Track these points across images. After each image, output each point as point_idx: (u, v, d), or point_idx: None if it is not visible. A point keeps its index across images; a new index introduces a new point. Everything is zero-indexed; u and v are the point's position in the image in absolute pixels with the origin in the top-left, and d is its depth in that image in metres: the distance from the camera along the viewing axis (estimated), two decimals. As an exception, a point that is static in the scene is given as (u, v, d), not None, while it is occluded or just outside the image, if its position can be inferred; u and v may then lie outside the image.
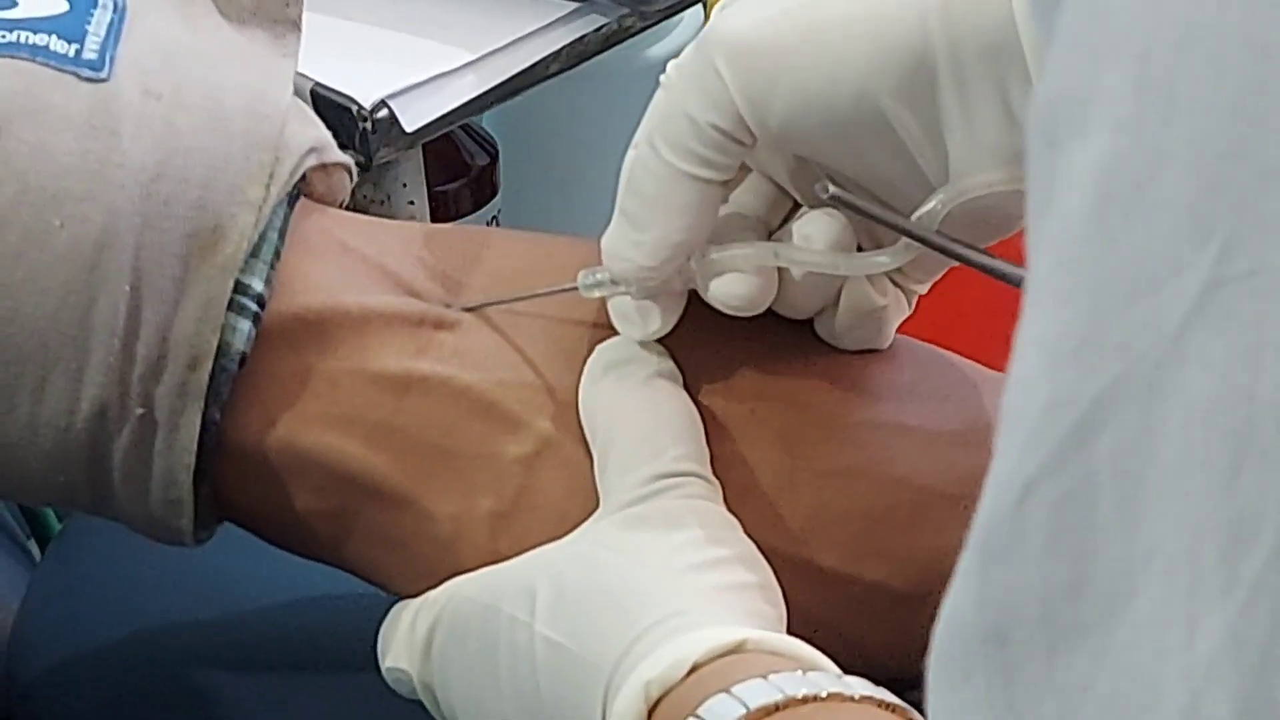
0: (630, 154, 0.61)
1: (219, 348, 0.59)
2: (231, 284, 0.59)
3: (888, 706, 0.52)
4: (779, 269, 0.62)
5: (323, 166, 0.63)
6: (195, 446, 0.59)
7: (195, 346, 0.59)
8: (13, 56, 0.60)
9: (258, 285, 0.60)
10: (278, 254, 0.61)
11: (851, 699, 0.51)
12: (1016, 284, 0.59)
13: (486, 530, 0.62)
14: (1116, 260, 0.32)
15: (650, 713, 0.53)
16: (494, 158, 0.98)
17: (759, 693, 0.51)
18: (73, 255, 0.58)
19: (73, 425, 0.59)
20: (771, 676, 0.52)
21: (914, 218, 0.60)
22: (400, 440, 0.61)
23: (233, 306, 0.59)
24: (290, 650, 0.74)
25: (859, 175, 0.60)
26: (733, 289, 0.61)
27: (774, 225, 0.64)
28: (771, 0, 0.58)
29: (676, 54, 1.07)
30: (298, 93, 0.66)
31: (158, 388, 0.59)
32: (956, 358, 0.67)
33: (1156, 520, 0.31)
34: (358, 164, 0.86)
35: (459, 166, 0.98)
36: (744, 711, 0.51)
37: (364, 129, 0.85)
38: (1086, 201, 0.32)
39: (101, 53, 0.60)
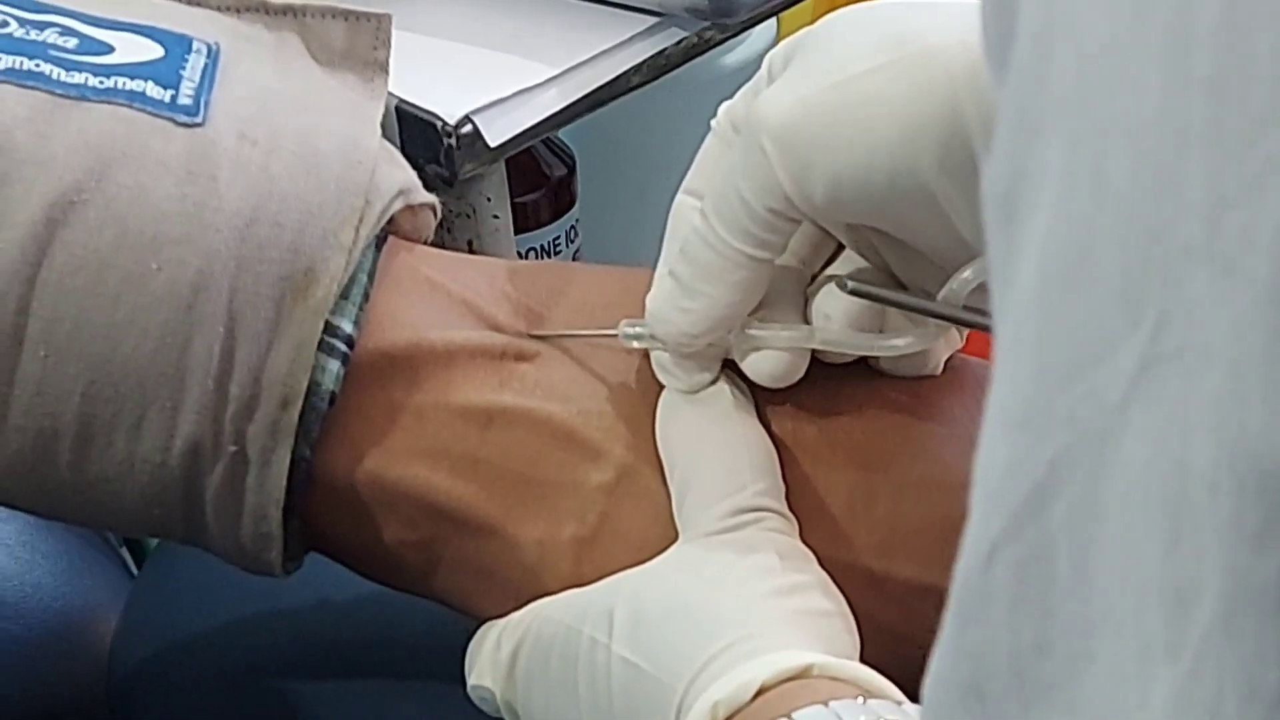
0: (686, 212, 0.63)
1: (309, 387, 0.61)
2: (322, 325, 0.61)
3: None
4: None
5: (409, 206, 0.65)
6: (285, 483, 0.61)
7: (287, 386, 0.60)
8: (110, 102, 0.61)
9: (347, 326, 0.62)
10: (366, 295, 0.62)
11: None
12: None
13: (570, 556, 0.63)
14: (1061, 334, 0.33)
15: None
16: (571, 169, 1.00)
17: (817, 719, 0.53)
18: (170, 297, 0.60)
19: (168, 461, 0.61)
20: (832, 704, 0.53)
21: (942, 293, 0.62)
22: (485, 471, 0.63)
23: (322, 347, 0.61)
24: (381, 661, 0.76)
25: (908, 239, 0.62)
26: (767, 367, 0.63)
27: (815, 268, 0.65)
28: (808, 79, 0.59)
29: (748, 64, 1.08)
30: (384, 110, 0.67)
31: (250, 426, 0.61)
32: None
33: (1107, 584, 0.32)
34: (442, 179, 0.88)
35: (538, 177, 0.99)
36: None
37: (449, 145, 0.86)
38: (1034, 276, 0.34)
39: (196, 98, 0.62)
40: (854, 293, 0.62)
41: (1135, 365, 0.32)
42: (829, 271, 0.66)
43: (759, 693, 0.54)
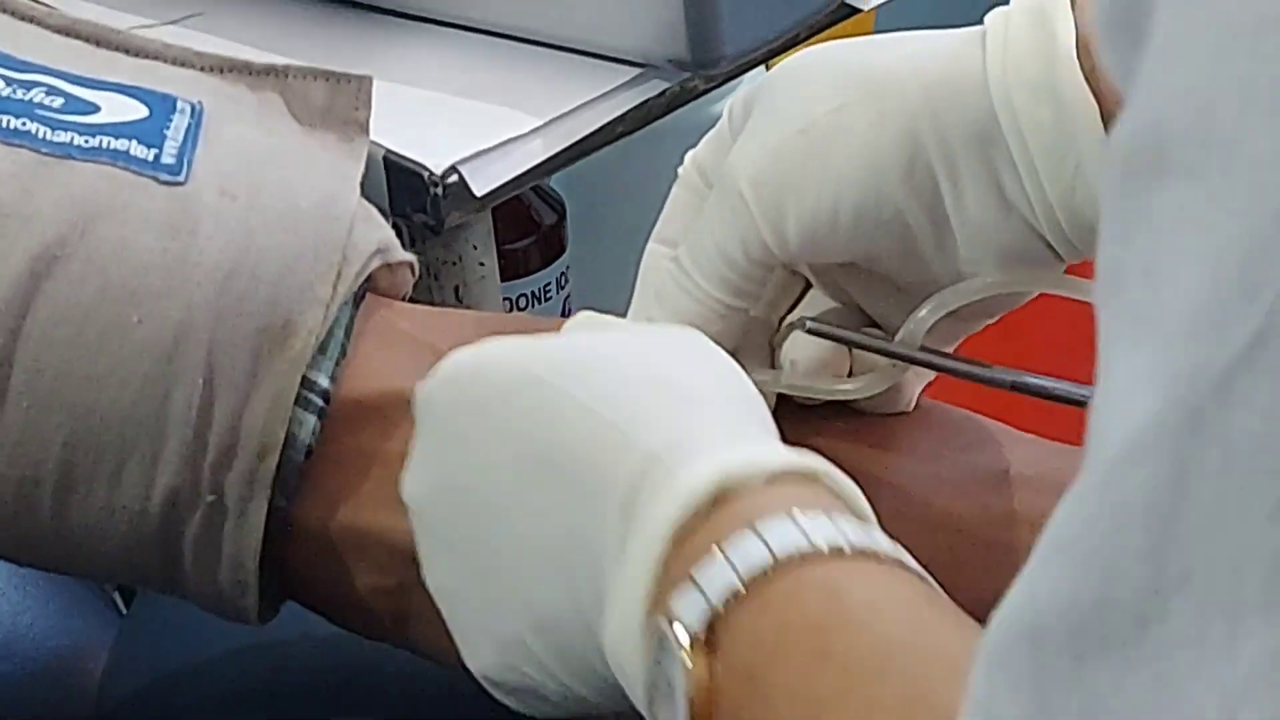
0: (657, 261, 0.65)
1: (286, 439, 0.62)
2: (299, 379, 0.62)
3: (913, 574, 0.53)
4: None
5: (388, 264, 0.66)
6: (262, 532, 0.63)
7: (265, 438, 0.62)
8: (95, 161, 0.63)
9: (324, 381, 0.63)
10: (343, 350, 0.64)
11: (876, 555, 0.51)
12: (1001, 386, 0.63)
13: None
14: (1174, 304, 0.35)
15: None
16: (562, 216, 1.01)
17: (753, 554, 0.51)
18: (151, 349, 0.62)
19: (147, 510, 0.63)
20: (798, 518, 0.51)
21: (899, 334, 0.64)
22: None
23: (299, 401, 0.63)
24: (367, 696, 0.77)
25: (879, 270, 0.64)
26: None
27: (781, 312, 0.67)
28: (774, 127, 0.61)
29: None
30: (370, 160, 0.69)
31: (228, 476, 0.62)
32: (983, 418, 0.70)
33: (1191, 549, 0.34)
34: (429, 228, 0.89)
35: (528, 225, 1.01)
36: (771, 561, 0.50)
37: (435, 194, 0.88)
38: (1155, 244, 0.35)
39: (180, 157, 0.64)
40: (813, 332, 0.64)
41: (1248, 339, 0.34)
42: (794, 315, 0.67)
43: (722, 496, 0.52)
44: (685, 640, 0.50)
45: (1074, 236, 0.62)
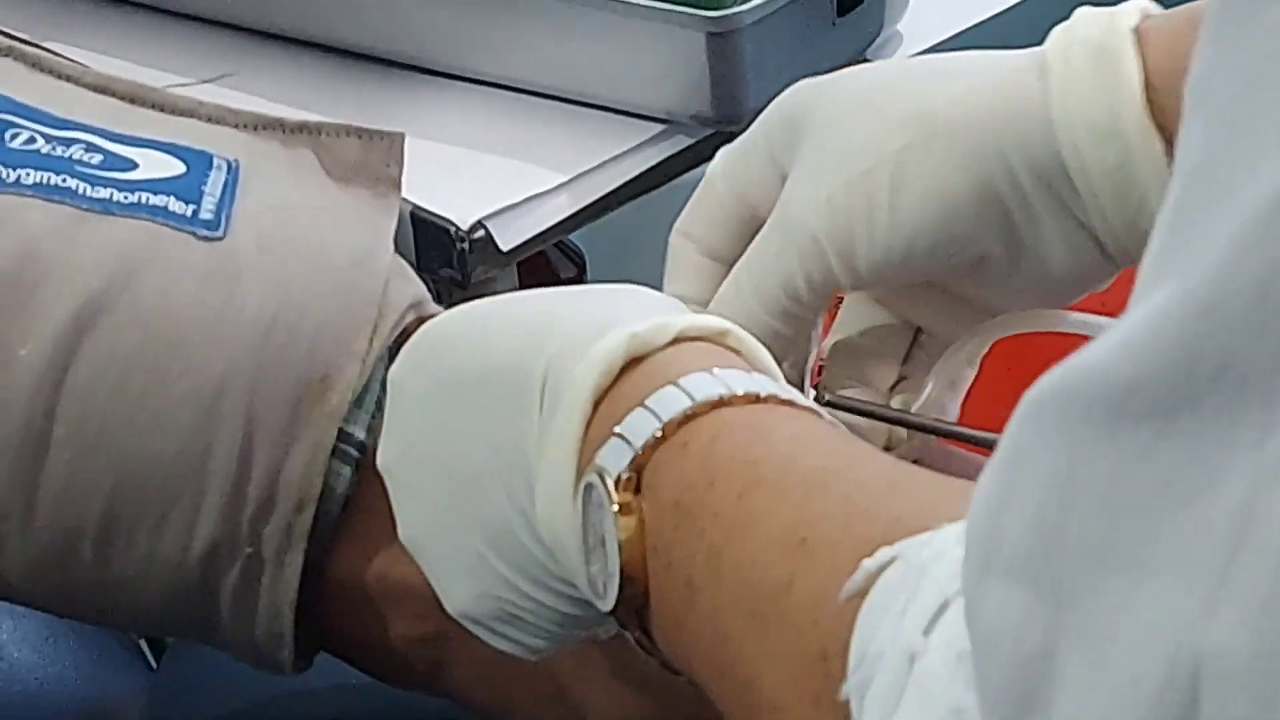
0: (683, 253, 0.66)
1: (323, 491, 0.63)
2: (336, 432, 0.63)
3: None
4: None
5: (420, 317, 0.67)
6: (298, 584, 0.63)
7: (302, 491, 0.63)
8: (134, 216, 0.64)
9: (360, 434, 0.64)
10: (378, 403, 0.65)
11: (792, 404, 0.52)
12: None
13: None
14: None
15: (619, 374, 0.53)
16: (582, 269, 1.02)
17: (674, 401, 0.52)
18: (193, 400, 0.63)
19: (186, 561, 0.63)
20: (717, 371, 0.53)
21: (916, 404, 0.65)
22: None
23: (336, 453, 0.64)
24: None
25: (950, 289, 0.65)
26: None
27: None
28: (835, 169, 0.62)
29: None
30: (398, 215, 0.70)
31: (266, 527, 0.63)
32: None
33: (1229, 344, 0.34)
34: (455, 282, 0.90)
35: (548, 278, 1.02)
36: (690, 404, 0.51)
37: (462, 249, 0.88)
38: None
39: (218, 213, 0.65)
40: (829, 404, 0.64)
41: None
42: (829, 340, 0.68)
43: (672, 341, 0.54)
44: (610, 485, 0.50)
45: (1138, 254, 0.63)
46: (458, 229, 0.88)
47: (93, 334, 0.62)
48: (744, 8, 0.91)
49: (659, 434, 0.51)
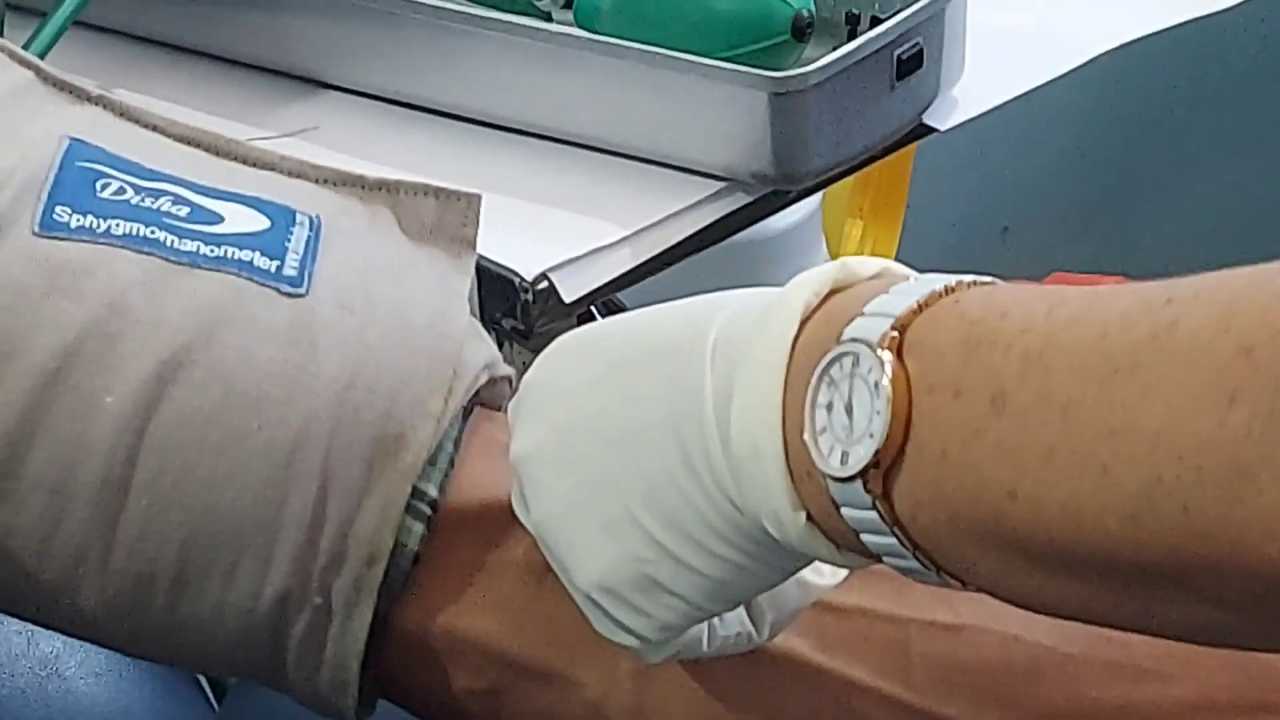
0: None
1: (394, 546, 0.65)
2: (409, 489, 0.65)
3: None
4: None
5: (492, 379, 0.69)
6: (365, 636, 0.65)
7: (374, 545, 0.64)
8: (220, 270, 0.66)
9: (433, 491, 0.66)
10: (452, 462, 0.66)
11: (986, 283, 0.53)
12: None
13: (631, 688, 0.66)
14: None
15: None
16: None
17: (924, 285, 0.53)
18: (270, 454, 0.64)
19: (257, 609, 0.65)
20: (921, 277, 0.54)
21: None
22: (545, 620, 0.66)
23: (409, 510, 0.65)
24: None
25: None
26: None
27: None
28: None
29: (795, 227, 1.13)
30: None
31: (336, 580, 0.64)
32: None
33: None
34: (519, 332, 0.92)
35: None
36: (915, 299, 0.52)
37: (525, 300, 0.90)
38: None
39: (301, 269, 0.66)
40: None
41: None
42: None
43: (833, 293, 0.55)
44: (875, 345, 0.51)
45: None
46: (522, 280, 0.90)
47: (175, 386, 0.64)
48: (806, 70, 0.92)
49: (921, 303, 0.52)
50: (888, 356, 0.51)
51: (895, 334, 0.52)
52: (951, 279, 0.53)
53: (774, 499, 0.54)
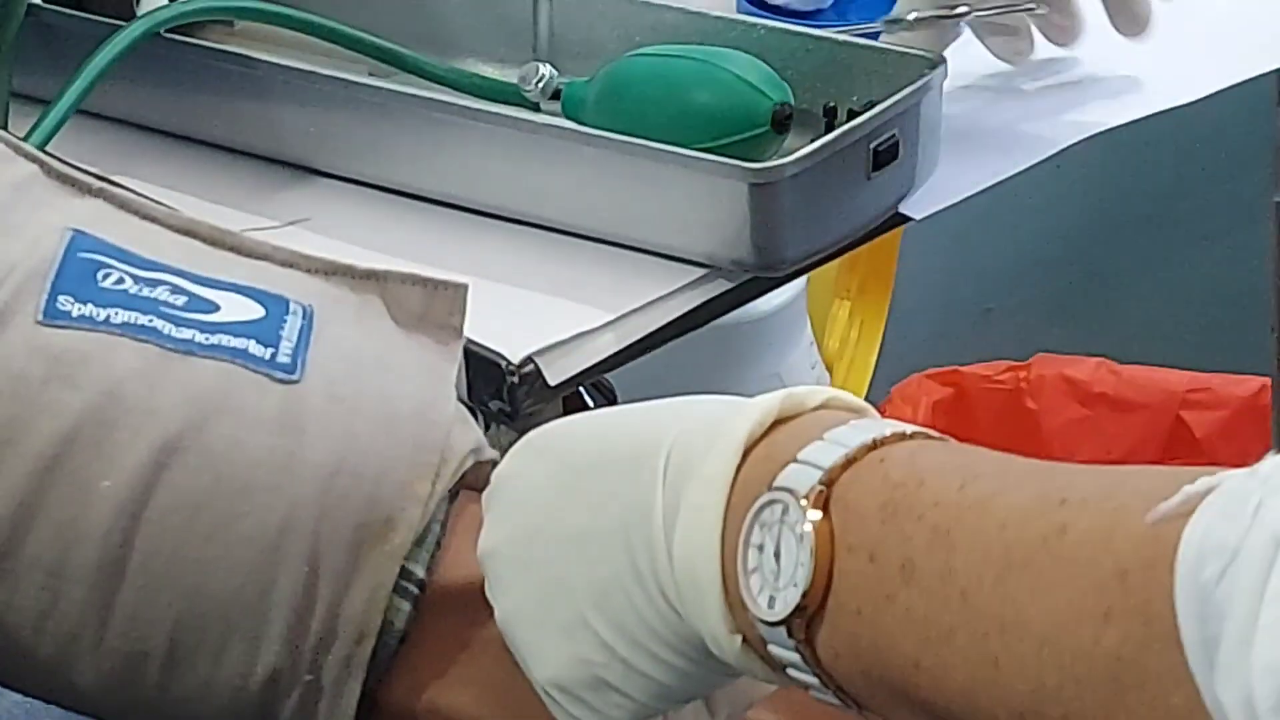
0: None
1: (382, 625, 0.67)
2: (397, 570, 0.67)
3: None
4: None
5: (479, 463, 0.71)
6: (354, 712, 0.67)
7: (362, 624, 0.67)
8: (215, 358, 0.68)
9: (420, 571, 0.68)
10: (438, 543, 0.69)
11: (930, 437, 0.56)
12: None
13: None
14: None
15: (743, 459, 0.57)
16: (612, 402, 1.06)
17: (857, 434, 0.56)
18: (258, 539, 0.67)
19: (247, 687, 0.67)
20: (852, 422, 0.57)
21: None
22: (523, 695, 0.68)
23: (396, 589, 0.67)
24: None
25: None
26: None
27: None
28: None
29: (777, 310, 1.15)
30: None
31: (326, 659, 0.67)
32: None
33: None
34: (504, 414, 0.94)
35: (581, 411, 1.06)
36: (844, 452, 0.55)
37: (511, 382, 0.92)
38: None
39: (294, 357, 0.69)
40: None
41: None
42: None
43: (783, 420, 0.58)
44: (800, 498, 0.54)
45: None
46: (508, 363, 0.92)
47: (169, 473, 0.66)
48: (785, 160, 0.94)
49: (849, 457, 0.55)
50: (814, 514, 0.55)
51: (822, 489, 0.55)
52: (884, 428, 0.56)
53: (711, 623, 0.57)
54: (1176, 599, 0.46)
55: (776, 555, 0.55)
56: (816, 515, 0.55)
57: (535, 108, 1.03)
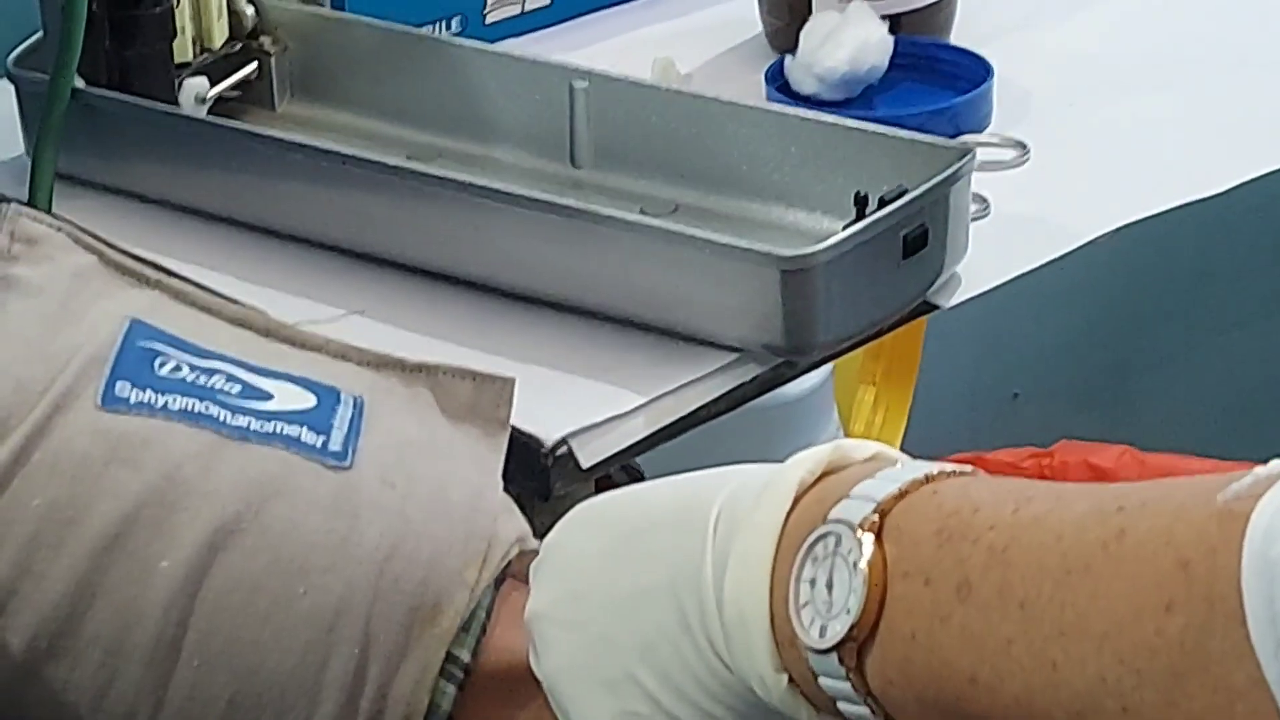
0: None
1: (429, 706, 0.69)
2: (444, 653, 0.69)
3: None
4: None
5: (522, 552, 0.73)
6: None
7: (410, 705, 0.68)
8: (269, 445, 0.70)
9: (465, 656, 0.70)
10: (484, 628, 0.70)
11: (965, 474, 0.58)
12: None
13: None
14: None
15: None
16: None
17: (909, 471, 0.58)
18: (314, 620, 0.68)
19: None
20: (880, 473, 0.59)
21: None
22: None
23: (443, 673, 0.69)
24: None
25: None
26: None
27: None
28: None
29: (806, 394, 1.16)
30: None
31: None
32: None
33: None
34: (538, 495, 0.95)
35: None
36: (898, 485, 0.57)
37: (545, 464, 0.94)
38: None
39: (345, 445, 0.71)
40: None
41: None
42: None
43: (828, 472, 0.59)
44: (856, 529, 0.55)
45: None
46: (542, 445, 0.93)
47: (226, 553, 0.68)
48: (817, 247, 0.96)
49: (902, 489, 0.57)
50: (868, 539, 0.56)
51: (876, 518, 0.56)
52: (934, 467, 0.58)
53: (758, 662, 0.58)
54: (1243, 577, 0.48)
55: (829, 587, 0.56)
56: (870, 540, 0.56)
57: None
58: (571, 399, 0.96)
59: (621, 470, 1.11)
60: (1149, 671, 0.49)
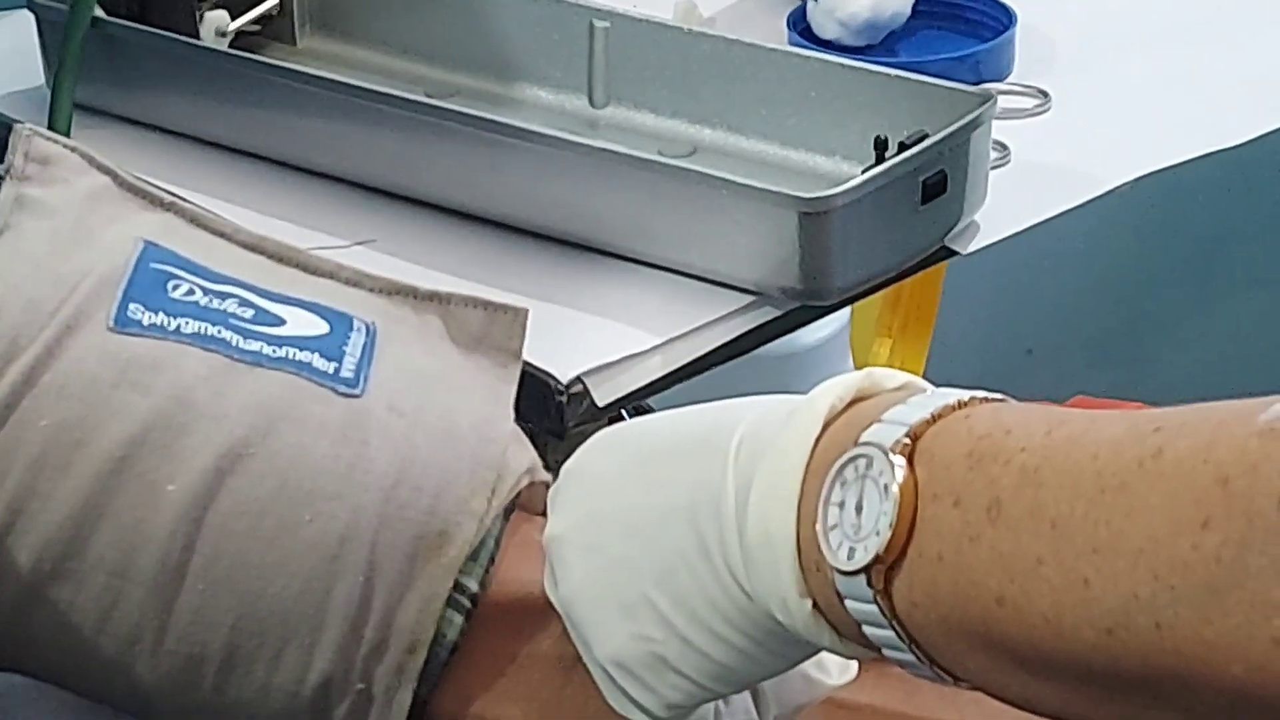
0: None
1: (434, 636, 0.68)
2: (451, 582, 0.68)
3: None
4: None
5: (533, 483, 0.73)
6: None
7: (415, 634, 0.68)
8: (281, 370, 0.70)
9: (473, 585, 0.70)
10: (492, 559, 0.70)
11: (997, 400, 0.58)
12: None
13: None
14: None
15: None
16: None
17: (940, 398, 0.58)
18: (320, 546, 0.68)
19: (301, 692, 0.69)
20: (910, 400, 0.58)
21: None
22: (570, 708, 0.70)
23: (450, 602, 0.69)
24: None
25: None
26: None
27: None
28: None
29: (823, 342, 1.15)
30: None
31: (378, 667, 0.68)
32: None
33: None
34: (552, 433, 0.95)
35: (627, 431, 1.07)
36: (930, 410, 0.57)
37: (560, 402, 0.94)
38: None
39: (356, 372, 0.70)
40: None
41: None
42: None
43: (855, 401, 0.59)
44: (888, 451, 0.55)
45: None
46: (558, 383, 0.93)
47: (233, 478, 0.68)
48: (836, 190, 0.95)
49: (934, 414, 0.56)
50: (899, 461, 0.56)
51: (908, 441, 0.56)
52: (965, 394, 0.58)
53: (782, 585, 0.58)
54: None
55: (858, 509, 0.56)
56: (902, 462, 0.55)
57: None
58: (587, 338, 0.96)
59: (634, 411, 1.11)
60: (1184, 587, 0.49)
